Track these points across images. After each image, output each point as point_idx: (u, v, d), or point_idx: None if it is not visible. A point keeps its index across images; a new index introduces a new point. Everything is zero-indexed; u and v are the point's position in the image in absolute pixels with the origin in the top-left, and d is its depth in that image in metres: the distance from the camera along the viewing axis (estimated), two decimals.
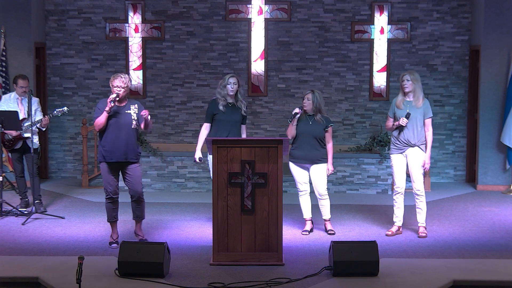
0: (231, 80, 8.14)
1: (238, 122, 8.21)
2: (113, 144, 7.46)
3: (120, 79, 7.47)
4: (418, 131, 7.96)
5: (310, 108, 8.08)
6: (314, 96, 8.06)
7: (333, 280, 6.52)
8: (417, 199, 8.09)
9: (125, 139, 7.47)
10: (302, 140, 8.08)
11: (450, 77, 11.59)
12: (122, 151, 7.47)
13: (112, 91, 7.45)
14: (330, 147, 8.16)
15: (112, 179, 7.57)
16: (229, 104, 8.17)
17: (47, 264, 6.86)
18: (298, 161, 8.14)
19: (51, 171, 11.82)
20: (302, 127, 8.08)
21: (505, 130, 10.60)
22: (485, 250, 7.58)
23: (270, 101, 11.72)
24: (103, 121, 7.44)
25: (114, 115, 7.48)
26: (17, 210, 9.03)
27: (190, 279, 6.52)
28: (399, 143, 8.02)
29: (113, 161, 7.50)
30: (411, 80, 7.92)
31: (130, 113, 7.53)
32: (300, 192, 8.23)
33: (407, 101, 8.00)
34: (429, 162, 8.05)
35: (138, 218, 7.77)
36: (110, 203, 7.64)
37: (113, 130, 7.47)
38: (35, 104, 9.16)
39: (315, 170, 8.11)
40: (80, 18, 11.67)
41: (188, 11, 11.64)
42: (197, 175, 10.77)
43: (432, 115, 8.08)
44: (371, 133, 11.33)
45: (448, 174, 11.67)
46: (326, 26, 11.60)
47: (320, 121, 8.07)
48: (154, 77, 11.72)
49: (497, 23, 10.76)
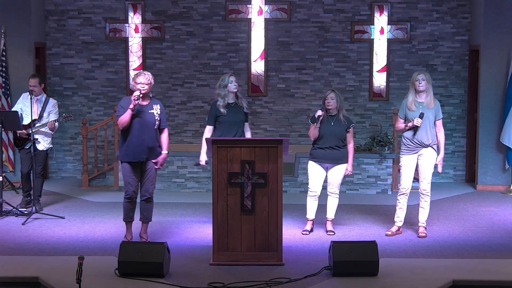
0: (232, 78, 8.16)
1: (242, 122, 8.22)
2: (138, 144, 7.43)
3: (143, 76, 7.45)
4: (431, 132, 7.97)
5: (335, 107, 8.06)
6: (337, 95, 8.07)
7: (333, 280, 6.52)
8: (422, 198, 8.10)
9: (148, 139, 7.45)
10: (324, 141, 8.07)
11: (450, 77, 11.60)
12: (146, 151, 7.46)
13: (135, 88, 7.42)
14: (351, 147, 8.17)
15: (133, 180, 7.53)
16: (230, 104, 8.17)
17: (47, 264, 6.86)
18: (319, 160, 8.13)
19: (51, 171, 11.82)
20: (325, 127, 8.07)
21: (505, 130, 10.60)
22: (484, 250, 7.58)
23: (270, 101, 11.72)
24: (127, 119, 7.38)
25: (138, 114, 7.43)
26: (17, 210, 9.03)
27: (190, 279, 6.52)
28: (412, 144, 8.00)
29: (136, 161, 7.48)
30: (426, 80, 7.94)
31: (153, 113, 7.50)
32: (311, 192, 8.20)
33: (418, 102, 8.00)
34: (442, 163, 8.07)
35: (145, 219, 7.72)
36: (129, 203, 7.60)
37: (137, 130, 7.42)
38: (49, 105, 9.14)
39: (334, 169, 8.13)
40: (80, 18, 11.67)
41: (188, 11, 11.65)
42: (197, 175, 10.77)
43: (442, 116, 8.10)
44: (371, 133, 11.33)
45: (448, 174, 11.68)
46: (326, 26, 11.60)
47: (343, 121, 8.08)
48: (154, 77, 11.68)
49: (497, 23, 10.76)
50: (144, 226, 7.75)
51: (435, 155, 8.02)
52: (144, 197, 7.63)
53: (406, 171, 8.05)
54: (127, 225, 7.70)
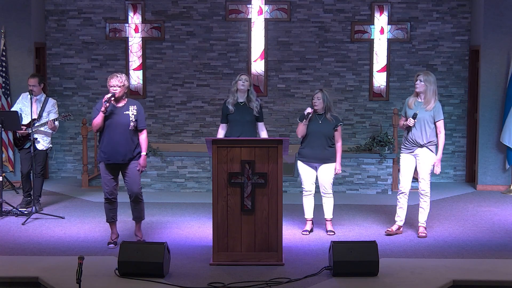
0: (243, 76, 8.31)
1: (250, 122, 8.26)
2: (110, 145, 7.42)
3: (116, 78, 7.43)
4: (426, 132, 7.96)
5: (321, 107, 8.10)
6: (324, 95, 8.09)
7: (333, 280, 6.52)
8: (421, 198, 8.10)
9: (121, 140, 7.42)
10: (312, 139, 8.09)
11: (450, 77, 11.60)
12: (119, 152, 7.44)
13: (109, 91, 7.43)
14: (339, 147, 8.18)
15: (109, 180, 7.54)
16: (240, 103, 8.26)
17: (47, 264, 6.86)
18: (307, 160, 8.14)
19: (51, 171, 11.82)
20: (312, 126, 8.09)
21: (505, 130, 10.60)
22: (484, 250, 7.58)
23: (270, 101, 11.72)
24: (99, 122, 7.40)
25: (111, 116, 7.43)
26: (17, 210, 9.03)
27: (190, 279, 6.52)
28: (408, 143, 8.04)
29: (110, 162, 7.49)
30: (423, 82, 7.92)
31: (128, 114, 7.47)
32: (305, 192, 8.23)
33: (418, 102, 8.01)
34: (440, 165, 8.06)
35: (136, 219, 7.74)
36: (108, 204, 7.63)
37: (110, 132, 7.43)
38: (49, 105, 9.14)
39: (323, 169, 8.13)
40: (80, 18, 11.67)
41: (188, 11, 11.65)
42: (197, 175, 10.77)
43: (443, 117, 8.08)
44: (371, 133, 11.33)
45: (448, 174, 11.67)
46: (326, 26, 11.60)
47: (331, 120, 8.09)
48: (154, 77, 11.73)
49: (497, 23, 10.76)
50: (138, 225, 7.77)
51: (431, 155, 8.00)
52: (131, 198, 7.63)
53: (404, 171, 8.07)
54: (110, 225, 7.72)
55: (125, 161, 7.49)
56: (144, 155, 7.60)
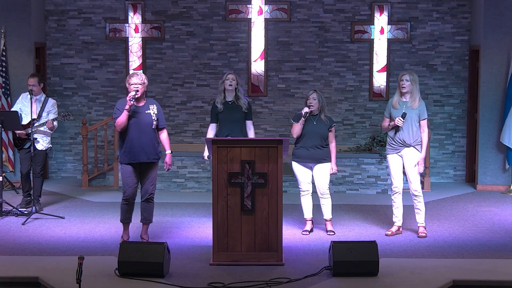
0: (230, 76, 8.36)
1: (238, 120, 8.31)
2: (136, 145, 7.41)
3: (137, 76, 7.43)
4: (413, 132, 7.96)
5: (317, 107, 8.12)
6: (319, 95, 8.11)
7: (333, 280, 6.52)
8: (415, 199, 8.09)
9: (147, 139, 7.43)
10: (306, 140, 8.10)
11: (450, 77, 11.60)
12: (145, 152, 7.44)
13: (129, 89, 7.40)
14: (333, 147, 8.19)
15: (132, 181, 7.51)
16: (228, 102, 8.32)
17: (47, 264, 6.86)
18: (302, 160, 8.15)
19: (51, 171, 11.82)
20: (307, 126, 8.10)
21: (505, 130, 10.60)
22: (484, 250, 7.58)
23: (270, 101, 11.72)
24: (123, 120, 7.36)
25: (134, 115, 7.42)
26: (17, 210, 9.03)
27: (190, 279, 6.52)
28: (395, 143, 8.03)
29: (135, 162, 7.47)
30: (410, 81, 7.93)
31: (150, 113, 7.48)
32: (302, 192, 8.24)
33: (402, 102, 8.01)
34: (423, 164, 8.06)
35: (145, 221, 7.71)
36: (126, 205, 7.59)
37: (135, 131, 7.41)
38: (48, 105, 9.13)
39: (318, 169, 8.14)
40: (80, 18, 11.68)
41: (188, 11, 11.65)
42: (197, 175, 10.77)
43: (427, 116, 8.08)
44: (371, 133, 11.34)
45: (448, 174, 11.68)
46: (326, 26, 11.60)
47: (325, 121, 8.11)
48: (154, 77, 11.73)
49: (497, 24, 10.76)
50: (145, 227, 7.74)
51: (417, 155, 8.00)
52: (144, 197, 7.62)
53: (394, 170, 8.09)
54: (124, 226, 7.70)
55: (149, 160, 7.49)
56: (169, 154, 7.64)
